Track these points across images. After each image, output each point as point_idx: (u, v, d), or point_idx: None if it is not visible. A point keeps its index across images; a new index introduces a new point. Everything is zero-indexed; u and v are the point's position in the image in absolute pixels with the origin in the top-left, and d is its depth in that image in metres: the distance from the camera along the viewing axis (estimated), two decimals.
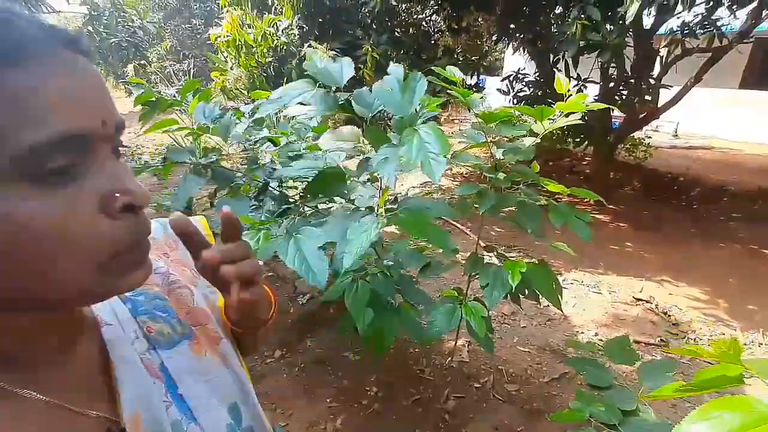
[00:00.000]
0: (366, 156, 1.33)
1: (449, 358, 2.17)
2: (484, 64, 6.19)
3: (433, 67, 1.31)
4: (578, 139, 4.61)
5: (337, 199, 1.42)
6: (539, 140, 1.32)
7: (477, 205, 1.39)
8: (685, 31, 3.96)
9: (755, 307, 2.82)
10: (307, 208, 1.42)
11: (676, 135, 9.17)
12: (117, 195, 0.30)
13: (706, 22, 3.55)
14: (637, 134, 6.23)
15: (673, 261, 3.47)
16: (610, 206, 4.93)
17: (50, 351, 0.34)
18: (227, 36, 4.31)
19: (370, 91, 1.15)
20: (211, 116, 1.41)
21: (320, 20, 4.45)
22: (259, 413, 0.48)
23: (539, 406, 1.91)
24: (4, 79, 0.25)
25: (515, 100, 4.65)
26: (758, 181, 5.96)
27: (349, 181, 1.30)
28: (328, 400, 1.92)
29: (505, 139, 1.47)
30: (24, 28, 0.26)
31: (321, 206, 1.46)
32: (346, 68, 1.13)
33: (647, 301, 2.86)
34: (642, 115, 4.59)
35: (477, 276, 1.52)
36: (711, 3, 3.16)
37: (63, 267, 0.28)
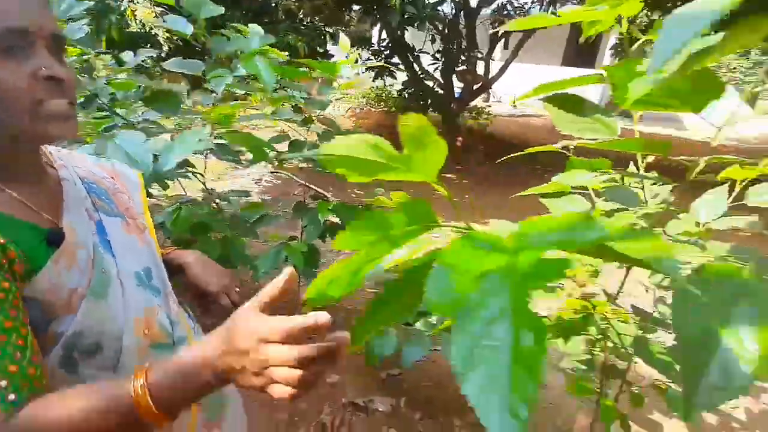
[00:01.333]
0: (204, 87, 1.42)
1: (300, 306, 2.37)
2: (346, 31, 6.28)
3: (236, 25, 1.39)
4: (421, 104, 5.11)
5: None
6: (342, 94, 1.52)
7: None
8: (503, 12, 4.67)
9: None
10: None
11: (515, 105, 10.70)
12: (44, 69, 0.47)
13: (513, 3, 4.22)
14: (481, 104, 7.14)
15: (490, 205, 4.28)
16: (458, 167, 5.72)
17: (24, 174, 0.52)
18: None
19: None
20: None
21: None
22: (167, 283, 0.65)
23: None
24: None
25: (364, 67, 4.91)
26: (560, 141, 7.49)
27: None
28: None
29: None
30: None
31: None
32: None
33: None
34: (477, 86, 5.30)
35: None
36: None
37: (7, 109, 0.46)
